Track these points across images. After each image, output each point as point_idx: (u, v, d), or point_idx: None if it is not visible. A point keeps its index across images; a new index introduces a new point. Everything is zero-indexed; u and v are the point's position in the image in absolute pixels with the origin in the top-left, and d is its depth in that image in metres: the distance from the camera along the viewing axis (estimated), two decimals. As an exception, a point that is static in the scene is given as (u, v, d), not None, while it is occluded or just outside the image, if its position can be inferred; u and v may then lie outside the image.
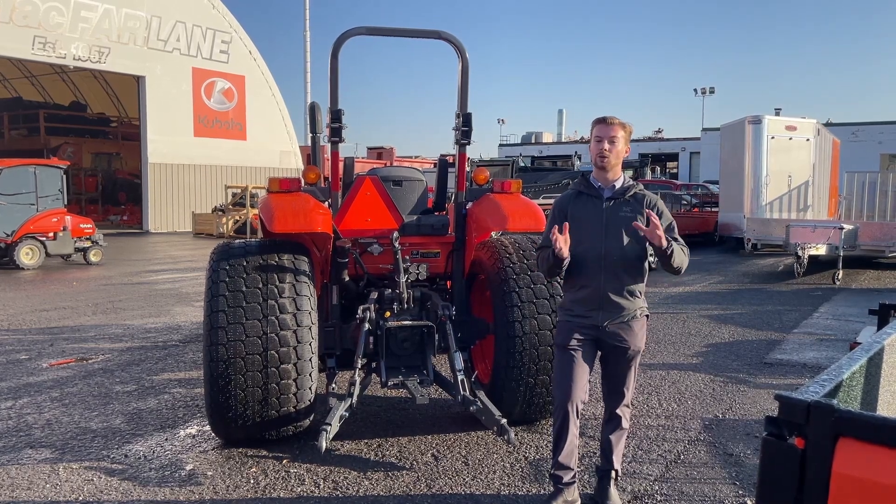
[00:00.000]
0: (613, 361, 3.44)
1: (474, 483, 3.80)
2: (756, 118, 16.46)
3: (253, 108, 29.27)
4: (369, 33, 4.52)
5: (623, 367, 3.43)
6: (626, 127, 3.38)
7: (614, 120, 3.36)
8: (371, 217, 4.81)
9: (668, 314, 9.10)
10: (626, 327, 3.35)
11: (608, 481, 3.50)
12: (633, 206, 3.36)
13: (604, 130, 3.35)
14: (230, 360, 3.88)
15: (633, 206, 3.36)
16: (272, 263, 4.15)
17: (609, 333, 3.35)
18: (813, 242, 12.62)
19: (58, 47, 23.32)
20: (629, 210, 3.34)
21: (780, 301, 10.37)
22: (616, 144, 3.34)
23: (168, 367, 6.37)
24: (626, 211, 3.34)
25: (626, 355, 3.39)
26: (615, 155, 3.36)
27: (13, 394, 5.47)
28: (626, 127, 3.38)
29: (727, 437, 4.57)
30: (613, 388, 3.50)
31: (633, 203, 3.37)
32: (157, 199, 26.53)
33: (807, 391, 1.38)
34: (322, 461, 4.03)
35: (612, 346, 3.38)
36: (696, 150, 43.52)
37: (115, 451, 4.28)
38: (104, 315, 9.08)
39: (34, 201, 14.23)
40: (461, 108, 4.63)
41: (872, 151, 31.63)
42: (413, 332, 4.38)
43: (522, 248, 4.64)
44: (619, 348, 3.38)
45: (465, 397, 4.03)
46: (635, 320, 3.37)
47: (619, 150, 3.36)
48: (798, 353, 7.05)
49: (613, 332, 3.35)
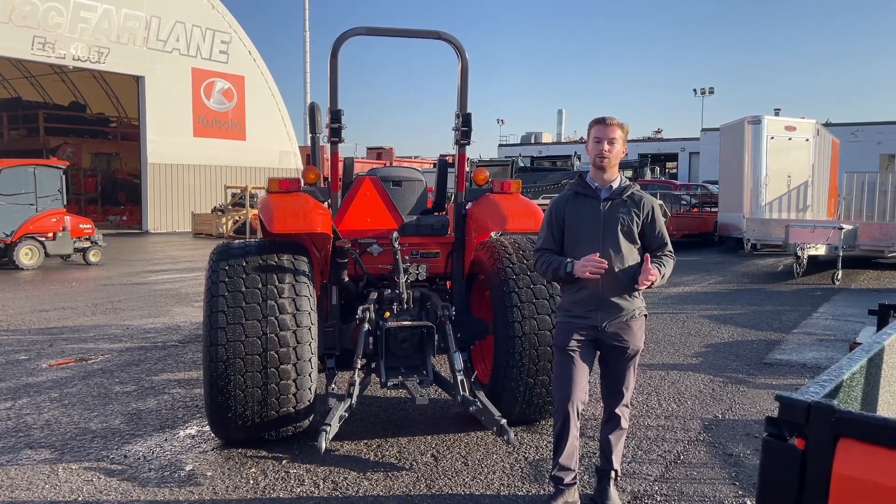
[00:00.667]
0: (613, 361, 3.45)
1: (474, 483, 3.80)
2: (755, 118, 16.45)
3: (252, 109, 29.25)
4: (369, 33, 4.52)
5: (622, 367, 3.44)
6: (624, 127, 3.41)
7: (613, 121, 3.38)
8: (371, 217, 4.81)
9: (667, 314, 9.10)
10: (625, 327, 3.36)
11: (608, 481, 3.51)
12: (630, 206, 3.39)
13: (603, 131, 3.36)
14: (230, 361, 3.87)
15: (629, 206, 3.38)
16: (272, 264, 4.14)
17: (608, 334, 3.36)
18: (812, 242, 12.62)
19: (57, 47, 23.31)
20: (626, 211, 3.37)
21: (779, 301, 10.37)
22: (615, 145, 3.37)
23: (167, 367, 6.37)
24: (622, 212, 3.37)
25: (626, 355, 3.40)
26: (614, 156, 3.38)
27: (12, 394, 5.47)
28: (624, 127, 3.41)
29: (727, 437, 4.57)
30: (613, 387, 3.50)
31: (630, 204, 3.39)
32: (156, 199, 26.51)
33: (807, 392, 1.38)
34: (322, 461, 4.03)
35: (611, 346, 3.39)
36: (696, 151, 43.53)
37: (114, 451, 4.28)
38: (104, 315, 9.07)
39: (33, 201, 14.22)
40: (461, 108, 4.63)
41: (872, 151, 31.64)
42: (413, 333, 4.37)
43: (522, 249, 4.64)
44: (619, 348, 3.38)
45: (464, 397, 4.02)
46: (634, 320, 3.38)
47: (618, 150, 3.39)
48: (798, 353, 7.05)
49: (612, 333, 3.36)
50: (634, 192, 3.44)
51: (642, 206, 3.39)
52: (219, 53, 27.97)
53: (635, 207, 3.38)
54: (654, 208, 3.45)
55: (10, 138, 31.35)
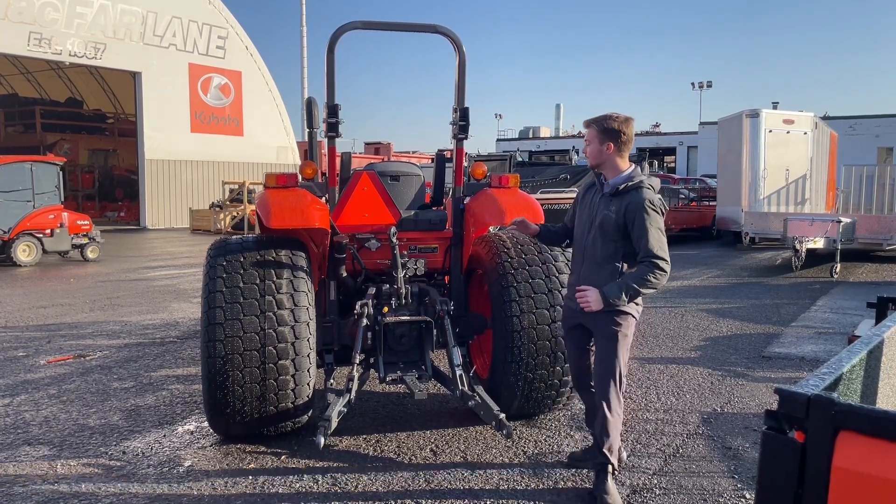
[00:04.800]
0: (596, 345, 3.58)
1: (473, 478, 3.80)
2: (753, 112, 16.44)
3: (250, 104, 29.20)
4: (366, 27, 4.49)
5: (599, 351, 3.53)
6: (598, 123, 3.47)
7: (586, 122, 3.56)
8: (368, 212, 4.78)
9: (665, 308, 9.10)
10: (600, 314, 3.42)
11: (605, 475, 3.49)
12: (614, 203, 3.41)
13: (586, 135, 3.57)
14: (228, 357, 3.87)
15: (616, 204, 3.40)
16: (269, 259, 4.13)
17: (586, 315, 3.48)
18: (811, 236, 12.62)
19: (53, 43, 23.24)
20: (613, 210, 3.39)
21: (778, 295, 10.38)
22: (590, 144, 3.51)
23: (166, 363, 6.36)
24: (611, 210, 3.40)
25: (601, 338, 3.49)
26: (591, 155, 3.50)
27: (11, 391, 5.46)
28: (598, 123, 3.47)
29: (726, 430, 4.58)
30: (595, 371, 3.60)
31: (616, 201, 3.40)
32: (154, 195, 26.48)
33: (807, 384, 1.38)
34: (320, 457, 4.03)
35: (592, 329, 3.55)
36: (694, 145, 43.56)
37: (113, 447, 4.28)
38: (102, 312, 9.06)
39: (31, 198, 14.20)
40: (458, 102, 4.61)
41: (870, 145, 31.69)
42: (411, 328, 4.36)
43: (520, 243, 4.63)
44: (598, 332, 3.51)
45: (463, 392, 4.02)
46: (612, 310, 3.39)
47: (594, 148, 3.49)
48: (796, 346, 7.05)
49: (590, 315, 3.46)
50: (630, 187, 3.39)
51: (624, 206, 3.36)
52: (216, 49, 27.90)
53: (618, 203, 3.39)
54: (639, 212, 3.30)
55: (7, 135, 31.27)
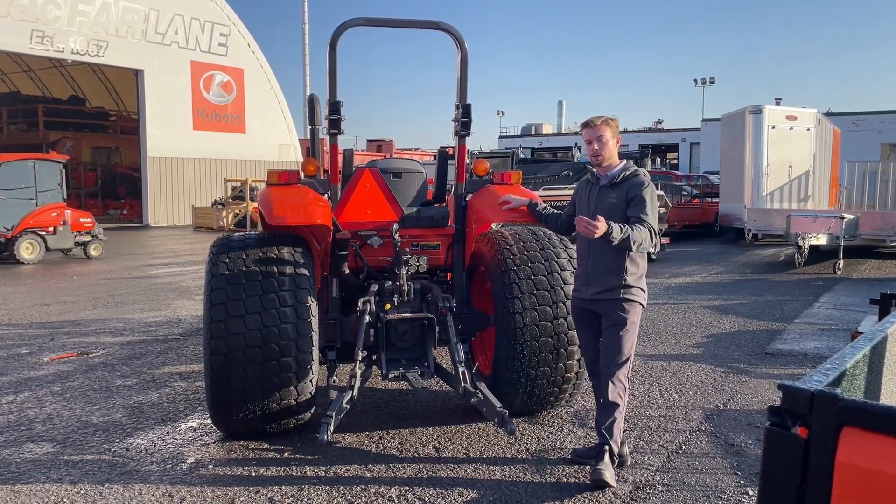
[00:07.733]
0: (605, 333, 3.71)
1: (476, 474, 3.80)
2: (756, 108, 16.40)
3: (252, 102, 29.20)
4: (368, 24, 4.49)
5: (606, 338, 3.68)
6: (611, 123, 3.72)
7: (596, 121, 3.72)
8: (371, 209, 4.79)
9: (668, 305, 9.09)
10: (607, 300, 3.65)
11: (602, 456, 3.64)
12: (616, 190, 3.67)
13: (590, 133, 3.72)
14: (230, 354, 3.87)
15: (616, 190, 3.67)
16: (272, 256, 4.13)
17: (595, 302, 3.70)
18: (813, 232, 12.60)
19: (56, 41, 23.26)
20: (615, 196, 3.66)
21: (780, 291, 10.37)
22: (605, 143, 3.69)
23: (169, 360, 6.38)
24: (612, 197, 3.68)
25: (609, 325, 3.66)
26: (607, 152, 3.70)
27: (14, 388, 5.48)
28: (611, 123, 3.72)
29: (729, 427, 4.57)
30: (601, 358, 3.73)
31: (618, 188, 3.68)
32: (156, 192, 26.51)
33: (810, 380, 1.37)
34: (323, 454, 4.04)
35: (600, 317, 3.70)
36: (697, 141, 43.45)
37: (116, 444, 4.28)
38: (105, 309, 9.08)
39: (33, 196, 14.22)
40: (460, 99, 4.61)
41: (873, 141, 31.58)
42: (413, 325, 4.36)
43: (523, 240, 4.62)
44: (604, 317, 3.68)
45: (465, 389, 4.02)
46: (618, 296, 3.63)
47: (610, 146, 3.71)
48: (799, 342, 7.05)
49: (597, 302, 3.69)
50: (628, 175, 3.68)
51: (626, 188, 3.65)
52: (218, 46, 27.89)
53: (619, 190, 3.66)
54: (642, 191, 3.60)
55: (10, 132, 31.32)
